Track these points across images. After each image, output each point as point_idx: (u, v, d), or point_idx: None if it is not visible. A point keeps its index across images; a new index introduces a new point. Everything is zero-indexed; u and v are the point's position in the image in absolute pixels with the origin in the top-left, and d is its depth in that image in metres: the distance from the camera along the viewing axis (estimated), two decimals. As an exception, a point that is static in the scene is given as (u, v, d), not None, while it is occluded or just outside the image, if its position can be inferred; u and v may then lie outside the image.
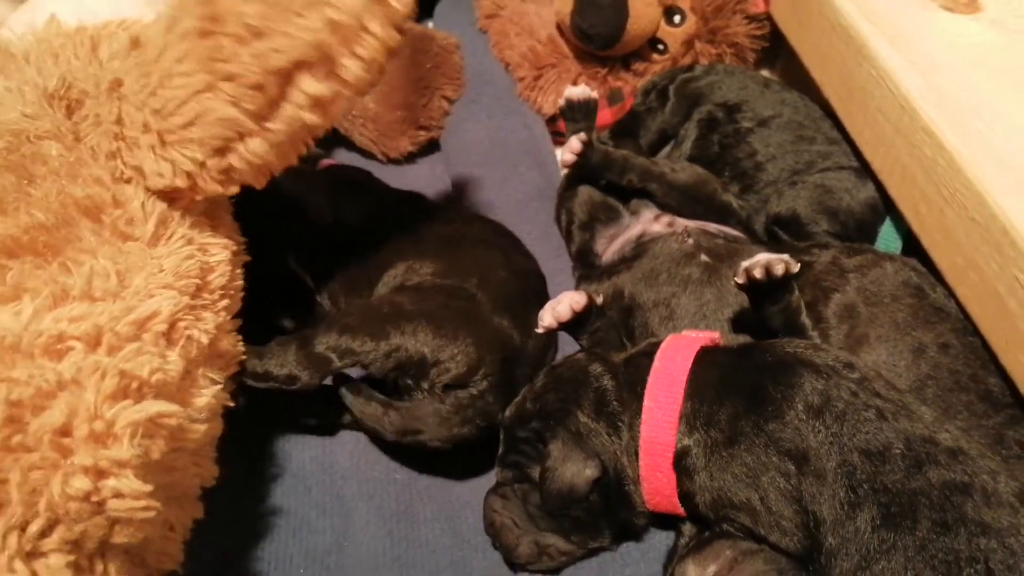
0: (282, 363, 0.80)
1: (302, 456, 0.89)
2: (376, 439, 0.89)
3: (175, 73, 0.66)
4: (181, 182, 0.69)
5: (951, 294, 0.82)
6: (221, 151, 0.68)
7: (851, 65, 0.95)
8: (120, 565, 0.60)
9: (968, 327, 0.80)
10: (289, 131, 0.69)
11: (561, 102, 1.12)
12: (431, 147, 1.24)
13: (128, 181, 0.70)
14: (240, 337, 0.77)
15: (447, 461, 0.89)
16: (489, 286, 0.88)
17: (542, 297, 0.95)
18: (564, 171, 1.02)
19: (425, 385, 0.82)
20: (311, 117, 0.69)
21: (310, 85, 0.67)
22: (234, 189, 0.73)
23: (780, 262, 0.73)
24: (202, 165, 0.69)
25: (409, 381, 0.83)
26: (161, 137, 0.68)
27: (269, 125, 0.68)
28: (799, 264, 0.75)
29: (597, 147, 1.00)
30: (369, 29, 0.68)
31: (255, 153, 0.69)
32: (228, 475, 0.73)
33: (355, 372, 0.85)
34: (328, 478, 0.88)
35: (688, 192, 1.00)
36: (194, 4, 0.65)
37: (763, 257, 0.74)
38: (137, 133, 0.68)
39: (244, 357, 0.78)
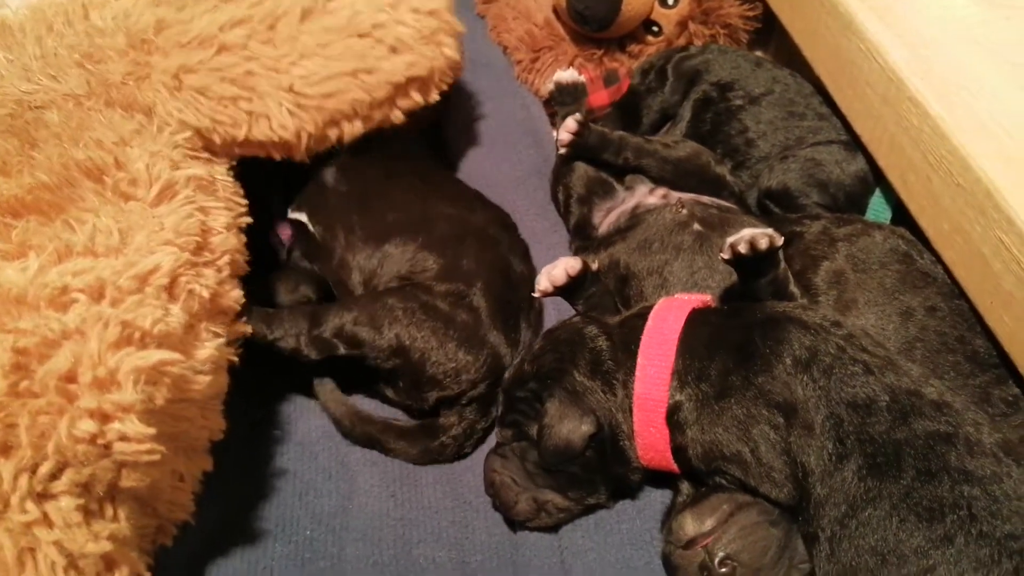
0: (290, 339, 0.82)
1: (308, 425, 0.91)
2: None
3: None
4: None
5: (938, 260, 0.84)
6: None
7: (841, 40, 0.96)
8: (130, 511, 0.62)
9: (955, 291, 0.82)
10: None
11: (550, 86, 1.14)
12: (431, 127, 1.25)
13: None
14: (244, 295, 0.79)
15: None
16: (490, 296, 0.89)
17: (532, 304, 0.95)
18: (562, 151, 1.03)
19: (415, 394, 0.85)
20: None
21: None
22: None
23: (764, 236, 0.73)
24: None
25: (400, 384, 0.86)
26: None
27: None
28: (783, 237, 0.75)
29: (592, 127, 1.01)
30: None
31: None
32: (235, 444, 0.74)
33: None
34: (333, 445, 0.89)
35: (682, 166, 1.01)
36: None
37: (747, 232, 0.74)
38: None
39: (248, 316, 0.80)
